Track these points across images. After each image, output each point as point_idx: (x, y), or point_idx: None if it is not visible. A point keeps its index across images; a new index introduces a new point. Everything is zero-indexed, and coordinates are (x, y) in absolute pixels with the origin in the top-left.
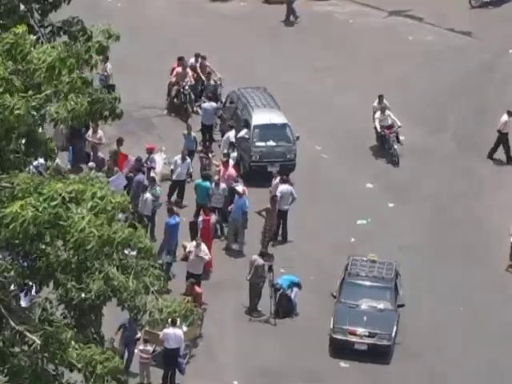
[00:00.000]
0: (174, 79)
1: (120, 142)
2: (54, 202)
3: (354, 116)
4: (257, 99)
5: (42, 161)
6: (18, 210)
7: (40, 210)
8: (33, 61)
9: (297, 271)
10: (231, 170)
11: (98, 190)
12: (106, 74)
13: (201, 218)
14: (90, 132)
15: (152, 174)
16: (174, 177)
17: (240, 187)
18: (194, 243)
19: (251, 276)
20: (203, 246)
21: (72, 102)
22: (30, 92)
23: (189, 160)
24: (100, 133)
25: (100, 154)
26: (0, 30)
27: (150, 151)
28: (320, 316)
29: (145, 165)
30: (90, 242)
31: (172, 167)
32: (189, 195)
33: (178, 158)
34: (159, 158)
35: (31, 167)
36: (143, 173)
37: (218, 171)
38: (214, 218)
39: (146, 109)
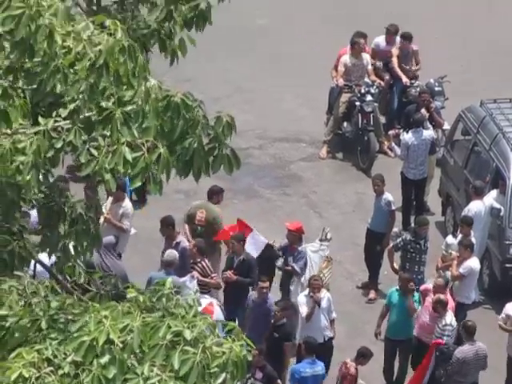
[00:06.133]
0: (340, 80)
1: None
2: (104, 360)
3: None
4: None
5: (43, 256)
6: (25, 374)
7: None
8: (56, 52)
9: None
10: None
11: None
12: None
13: None
14: (109, 202)
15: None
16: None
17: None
18: None
19: None
20: None
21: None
22: (53, 122)
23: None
24: (127, 204)
25: (182, 240)
26: None
27: (292, 237)
28: None
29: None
30: None
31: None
32: None
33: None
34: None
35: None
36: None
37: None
38: None
39: (277, 142)
